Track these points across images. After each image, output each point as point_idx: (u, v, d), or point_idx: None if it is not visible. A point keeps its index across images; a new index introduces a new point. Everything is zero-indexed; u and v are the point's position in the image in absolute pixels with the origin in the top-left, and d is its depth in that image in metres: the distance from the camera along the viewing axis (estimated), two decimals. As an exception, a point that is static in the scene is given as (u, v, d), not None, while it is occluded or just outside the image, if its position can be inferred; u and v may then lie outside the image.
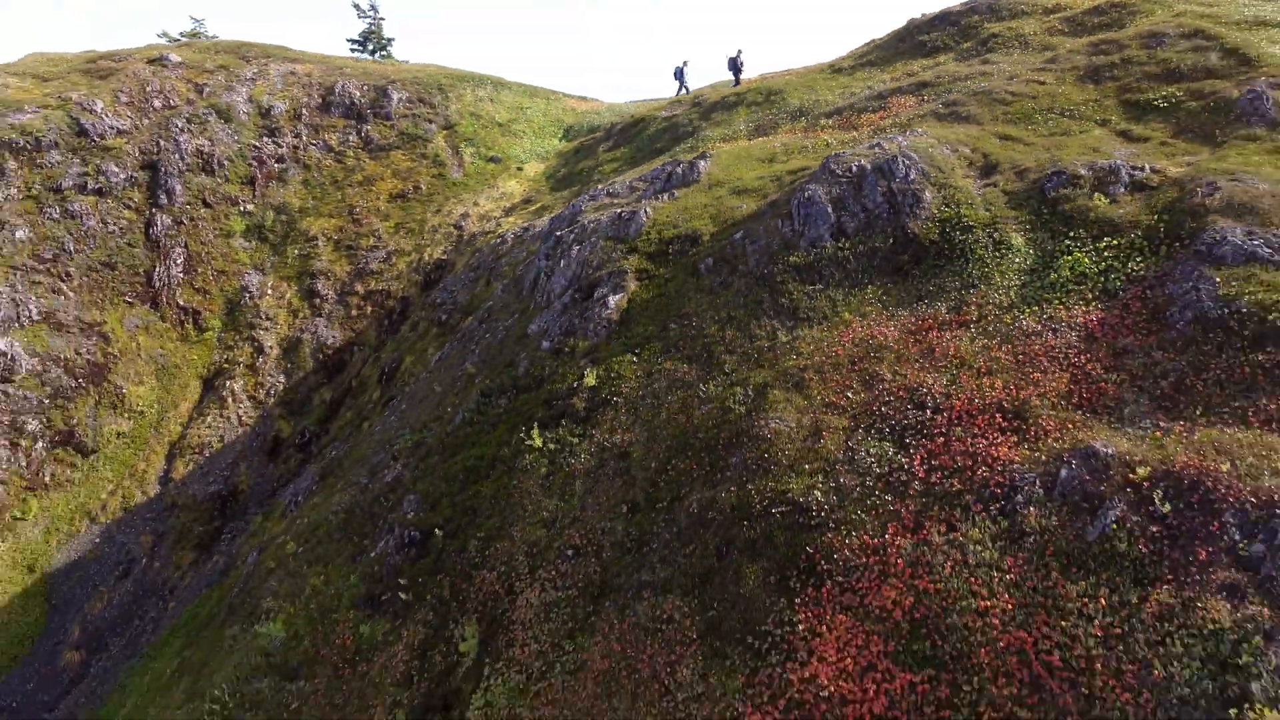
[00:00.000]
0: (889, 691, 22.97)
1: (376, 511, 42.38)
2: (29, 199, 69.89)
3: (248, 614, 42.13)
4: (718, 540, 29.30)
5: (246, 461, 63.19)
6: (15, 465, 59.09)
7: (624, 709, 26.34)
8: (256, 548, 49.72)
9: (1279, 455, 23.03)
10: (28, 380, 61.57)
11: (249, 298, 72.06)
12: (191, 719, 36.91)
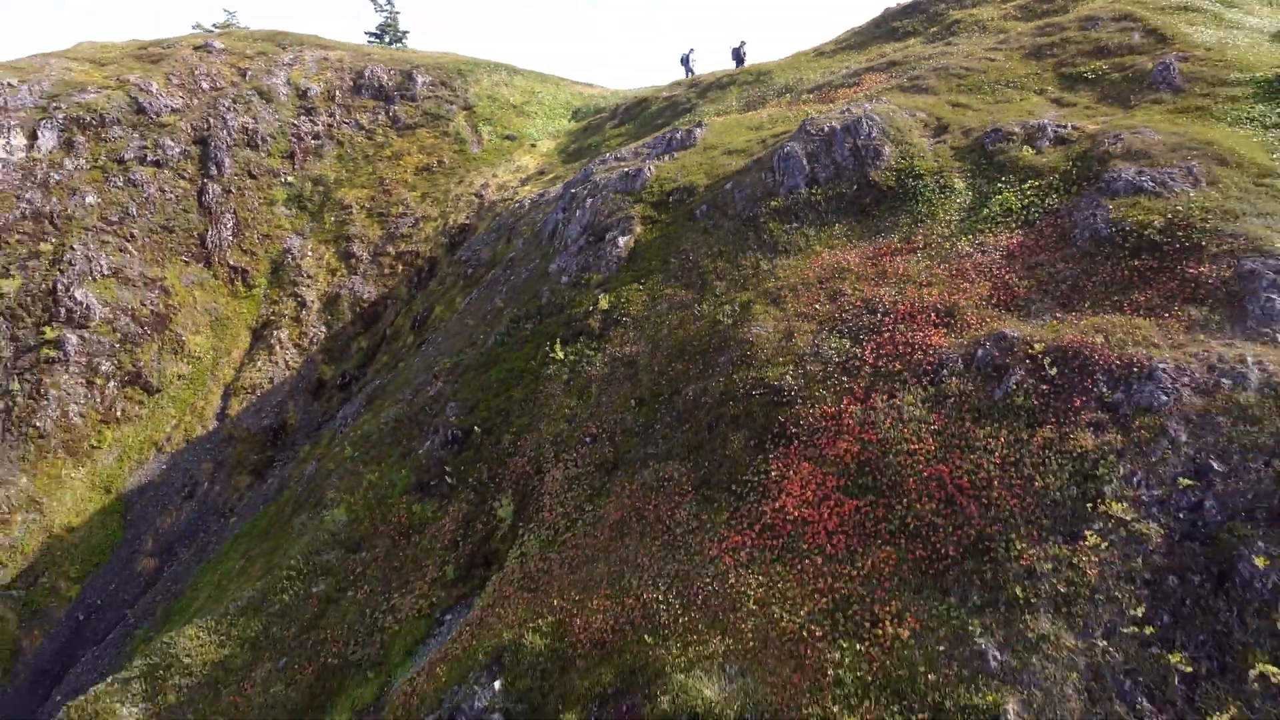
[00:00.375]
0: (839, 514, 28.95)
1: (421, 419, 48.36)
2: (96, 169, 75.68)
3: (313, 505, 48.11)
4: (709, 418, 35.29)
5: (293, 400, 68.98)
6: (91, 401, 64.88)
7: (634, 545, 32.27)
8: (314, 459, 55.70)
9: (1141, 332, 29.05)
10: (101, 327, 67.36)
11: (291, 258, 77.78)
12: (269, 586, 42.83)
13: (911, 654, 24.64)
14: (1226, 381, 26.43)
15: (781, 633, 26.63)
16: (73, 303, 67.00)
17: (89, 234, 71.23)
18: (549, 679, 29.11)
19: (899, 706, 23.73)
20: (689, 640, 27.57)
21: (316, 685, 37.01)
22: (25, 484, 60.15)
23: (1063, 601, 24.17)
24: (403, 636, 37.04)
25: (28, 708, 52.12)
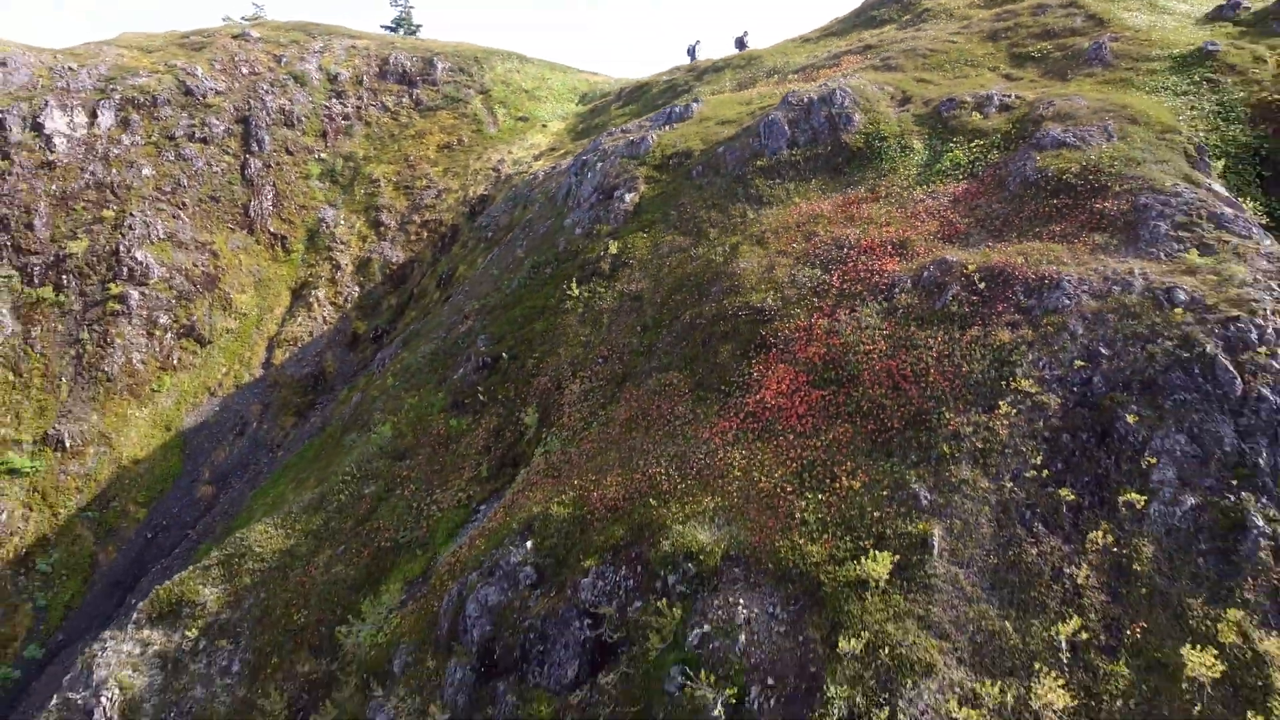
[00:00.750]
0: (808, 401, 34.67)
1: (454, 351, 54.04)
2: (150, 144, 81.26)
3: (361, 426, 53.79)
4: (702, 336, 41.03)
5: (331, 351, 74.56)
6: (151, 350, 70.46)
7: (640, 436, 37.98)
8: (359, 391, 61.32)
9: (1054, 253, 34.85)
10: (159, 284, 72.95)
11: (325, 227, 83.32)
12: (326, 490, 48.51)
13: (861, 499, 30.36)
14: (1116, 288, 32.19)
15: (760, 491, 32.33)
16: (133, 263, 72.55)
17: (146, 202, 76.78)
18: (571, 537, 34.80)
19: (850, 537, 29.43)
20: (686, 501, 33.25)
21: (372, 564, 42.71)
22: (96, 421, 65.74)
23: (980, 455, 29.91)
24: (445, 522, 42.79)
25: (104, 612, 57.75)
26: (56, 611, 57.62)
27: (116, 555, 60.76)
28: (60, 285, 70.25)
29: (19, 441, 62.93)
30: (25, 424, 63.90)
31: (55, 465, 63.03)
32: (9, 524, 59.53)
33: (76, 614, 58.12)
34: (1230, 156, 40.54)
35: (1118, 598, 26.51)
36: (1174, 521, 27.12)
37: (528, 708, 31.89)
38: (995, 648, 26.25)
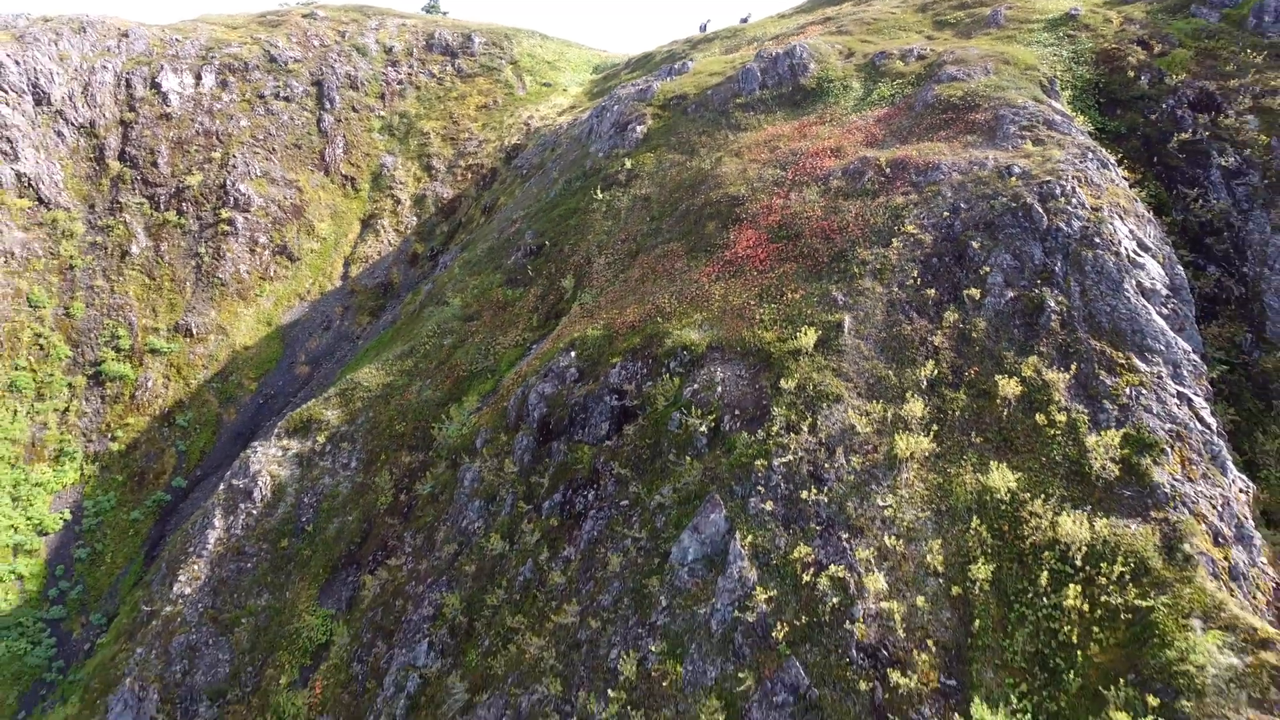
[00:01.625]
0: (766, 250, 46.86)
1: (506, 245, 66.15)
2: (244, 101, 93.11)
3: (436, 302, 65.86)
4: (694, 217, 53.18)
5: (396, 267, 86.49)
6: (253, 263, 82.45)
7: (650, 283, 50.14)
8: (429, 282, 73.47)
9: (938, 148, 47.03)
10: (257, 211, 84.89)
11: (386, 170, 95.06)
12: (413, 346, 60.65)
13: (799, 304, 42.64)
14: (975, 167, 44.45)
15: (732, 307, 44.57)
16: (237, 194, 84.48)
17: (244, 147, 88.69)
18: (601, 348, 47.06)
19: (790, 326, 41.64)
20: (682, 318, 45.50)
21: (453, 388, 54.96)
22: (214, 316, 77.78)
23: (877, 273, 42.20)
24: (507, 356, 55.08)
25: (230, 455, 69.84)
26: (193, 455, 69.70)
27: (236, 415, 72.82)
28: (181, 210, 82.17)
29: (157, 329, 74.92)
30: (160, 316, 75.88)
31: (185, 348, 75.04)
32: (154, 390, 71.59)
33: (208, 458, 70.18)
34: (1076, 88, 52.83)
35: (960, 354, 38.84)
36: (999, 307, 39.45)
37: (573, 454, 44.24)
38: (881, 385, 38.61)
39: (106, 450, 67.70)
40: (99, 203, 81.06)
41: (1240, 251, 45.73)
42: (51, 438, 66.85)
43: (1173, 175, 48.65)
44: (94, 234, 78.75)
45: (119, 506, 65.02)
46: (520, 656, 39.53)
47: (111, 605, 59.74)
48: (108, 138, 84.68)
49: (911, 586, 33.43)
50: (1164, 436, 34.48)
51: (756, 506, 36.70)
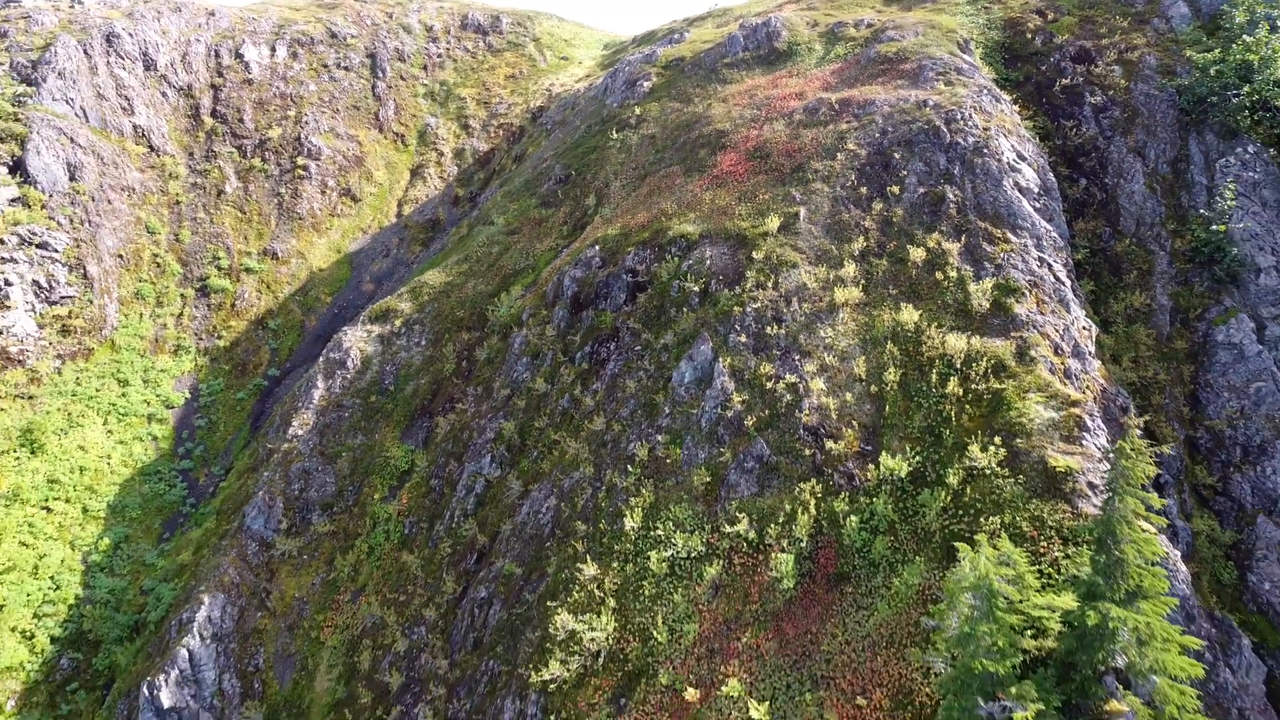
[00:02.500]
0: (744, 167, 57.84)
1: (539, 176, 77.01)
2: (312, 70, 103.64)
3: (483, 223, 76.74)
4: (690, 147, 64.02)
5: (441, 206, 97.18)
6: (324, 202, 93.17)
7: (655, 197, 61.08)
8: (476, 209, 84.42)
9: (874, 90, 57.95)
10: (327, 160, 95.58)
11: (430, 129, 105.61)
12: (467, 254, 71.61)
13: (767, 202, 53.61)
14: (902, 101, 55.36)
15: (718, 207, 55.56)
16: (310, 145, 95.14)
17: (313, 107, 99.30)
18: (619, 242, 58.03)
19: (761, 216, 52.63)
20: (680, 217, 56.46)
21: (500, 283, 65.93)
22: (294, 244, 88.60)
23: (825, 178, 53.19)
24: (544, 257, 66.07)
25: (313, 354, 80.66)
26: (283, 352, 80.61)
27: (315, 322, 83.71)
28: (264, 158, 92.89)
29: (249, 253, 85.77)
30: (251, 243, 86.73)
31: (272, 268, 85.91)
32: (249, 300, 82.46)
33: (294, 355, 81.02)
34: (987, 47, 63.80)
35: (884, 233, 49.91)
36: (913, 199, 50.47)
37: (599, 319, 55.20)
38: (825, 255, 49.64)
39: (214, 346, 78.63)
40: (196, 151, 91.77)
41: (1103, 167, 56.78)
42: (170, 335, 77.75)
43: (1056, 111, 59.70)
44: (194, 176, 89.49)
45: (227, 389, 76.03)
46: (562, 456, 50.79)
47: (226, 461, 70.86)
48: (202, 98, 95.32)
49: (843, 388, 44.57)
50: (1024, 284, 45.53)
51: (734, 340, 47.84)
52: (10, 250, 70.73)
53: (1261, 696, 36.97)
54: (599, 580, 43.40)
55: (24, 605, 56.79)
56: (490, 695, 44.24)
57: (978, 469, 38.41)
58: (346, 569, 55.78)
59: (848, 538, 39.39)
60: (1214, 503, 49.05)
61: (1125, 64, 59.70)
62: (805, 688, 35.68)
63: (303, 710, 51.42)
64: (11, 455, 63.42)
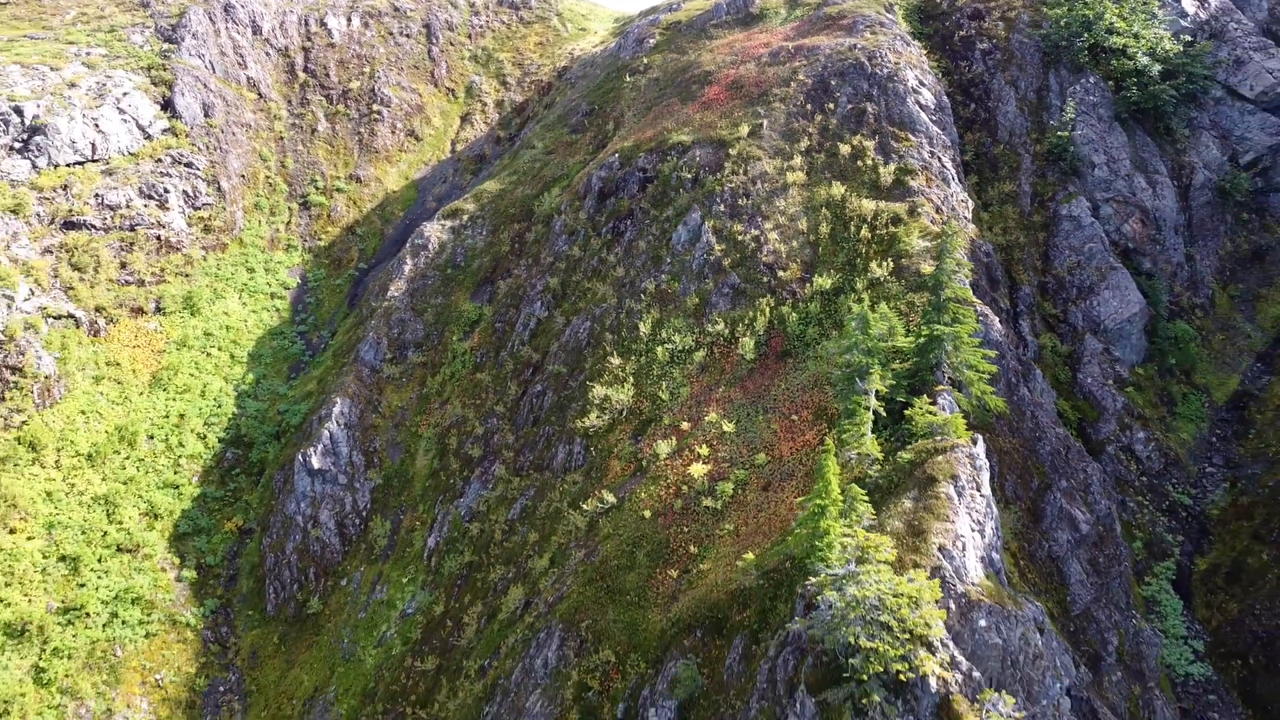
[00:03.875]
0: (724, 95, 71.82)
1: (569, 113, 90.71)
2: (380, 37, 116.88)
3: (526, 148, 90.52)
4: (684, 85, 77.89)
5: (487, 145, 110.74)
6: (394, 140, 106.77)
7: (659, 120, 75.01)
8: (518, 141, 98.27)
9: (821, 38, 71.89)
10: (395, 107, 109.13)
11: (475, 85, 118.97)
12: (514, 168, 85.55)
13: (740, 117, 67.60)
14: (839, 46, 69.27)
15: (706, 123, 69.61)
16: (382, 95, 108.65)
17: (383, 66, 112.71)
18: (632, 152, 71.96)
19: (735, 127, 66.66)
20: (677, 131, 70.48)
21: (542, 187, 79.90)
22: (373, 171, 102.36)
23: (781, 99, 67.26)
24: (575, 167, 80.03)
25: (391, 254, 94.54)
26: (368, 251, 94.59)
27: (391, 230, 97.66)
28: (346, 105, 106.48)
29: (338, 178, 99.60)
30: (339, 170, 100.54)
31: (357, 189, 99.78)
32: (340, 213, 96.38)
33: (377, 254, 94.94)
34: (906, 8, 77.57)
35: (823, 135, 64.02)
36: (844, 113, 64.55)
37: (619, 204, 69.26)
38: (781, 151, 63.72)
39: (316, 246, 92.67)
40: (293, 99, 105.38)
41: (987, 95, 70.82)
42: (282, 237, 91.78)
43: (955, 55, 73.65)
44: (293, 118, 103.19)
45: (328, 277, 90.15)
46: (593, 296, 65.00)
47: (332, 326, 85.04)
48: (296, 57, 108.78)
49: (790, 239, 58.77)
50: (918, 168, 59.60)
51: (716, 210, 62.01)
52: (166, 167, 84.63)
53: (1053, 411, 51.71)
54: (622, 367, 57.86)
55: (197, 416, 71.14)
56: (546, 448, 58.81)
57: (876, 279, 52.81)
58: (435, 386, 70.21)
59: (790, 329, 53.73)
60: (1057, 327, 63.39)
61: (1006, 20, 73.61)
62: (759, 414, 50.21)
63: (408, 479, 66.02)
64: (178, 315, 77.54)
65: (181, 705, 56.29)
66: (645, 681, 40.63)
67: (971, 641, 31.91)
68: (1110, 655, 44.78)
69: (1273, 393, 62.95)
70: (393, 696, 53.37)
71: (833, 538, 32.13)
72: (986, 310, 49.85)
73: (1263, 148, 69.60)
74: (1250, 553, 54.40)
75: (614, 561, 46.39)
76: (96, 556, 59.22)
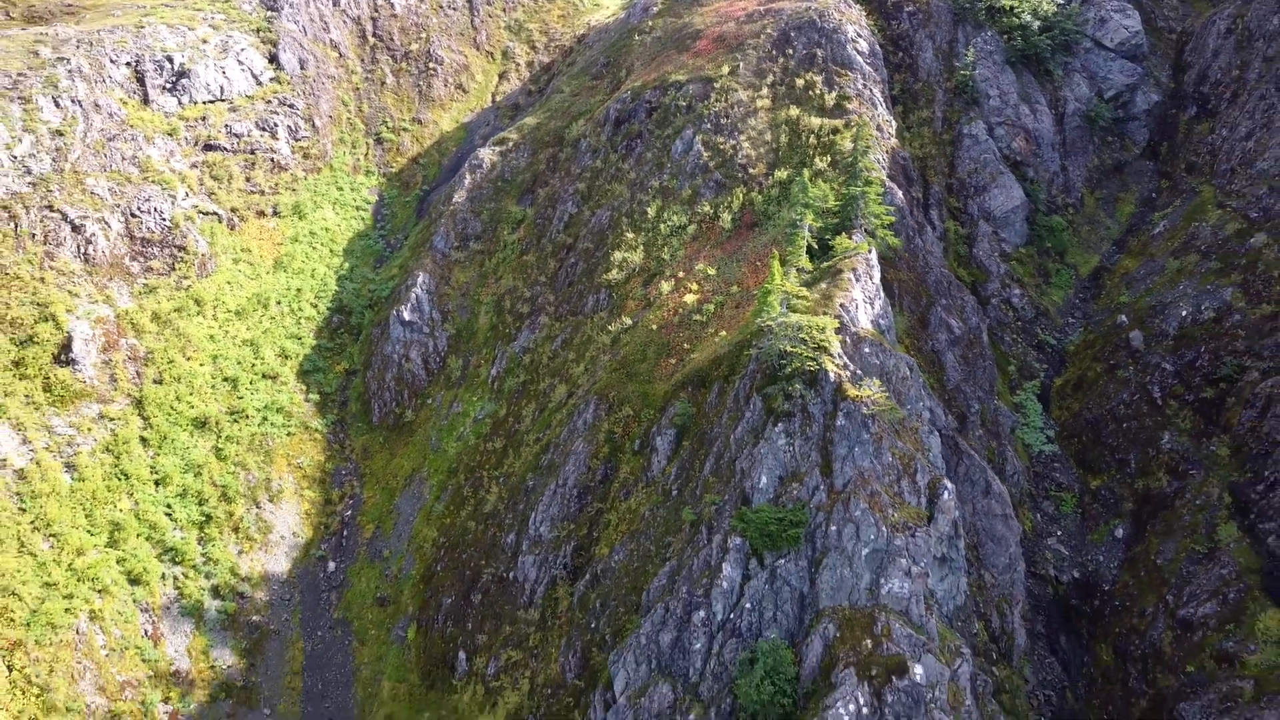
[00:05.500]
0: (712, 47, 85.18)
1: (589, 65, 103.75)
2: (432, 9, 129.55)
3: (556, 92, 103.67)
4: (680, 39, 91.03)
5: (521, 96, 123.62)
6: (446, 91, 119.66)
7: (660, 65, 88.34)
8: (548, 89, 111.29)
9: (785, 4, 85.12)
10: (446, 66, 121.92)
11: (510, 49, 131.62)
12: (548, 106, 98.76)
13: (723, 60, 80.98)
14: (799, 6, 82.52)
15: (697, 65, 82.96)
16: (436, 56, 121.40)
17: (436, 33, 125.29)
18: (641, 88, 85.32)
19: (719, 66, 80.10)
20: (675, 73, 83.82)
21: (569, 120, 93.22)
22: (430, 115, 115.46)
23: (753, 47, 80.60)
24: (595, 104, 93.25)
25: (447, 179, 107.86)
26: (430, 177, 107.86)
27: (446, 160, 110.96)
28: (408, 63, 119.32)
29: (404, 119, 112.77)
30: (405, 113, 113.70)
31: (418, 129, 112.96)
32: (407, 147, 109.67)
33: (436, 179, 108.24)
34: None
35: (785, 73, 77.43)
36: (800, 55, 77.86)
37: (631, 127, 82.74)
38: (752, 84, 77.18)
39: (389, 172, 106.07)
40: (365, 58, 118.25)
41: (911, 45, 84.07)
42: (362, 164, 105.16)
43: (888, 15, 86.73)
44: (365, 73, 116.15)
45: (399, 196, 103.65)
46: (611, 194, 78.56)
47: (405, 232, 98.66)
48: (366, 25, 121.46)
49: (759, 146, 72.31)
50: (853, 95, 72.98)
51: (705, 127, 75.50)
52: (274, 107, 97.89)
53: (940, 256, 65.71)
54: (634, 239, 71.64)
55: (310, 291, 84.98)
56: (579, 299, 72.69)
57: (818, 170, 66.42)
58: (491, 266, 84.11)
59: (757, 207, 67.37)
60: (959, 216, 76.97)
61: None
62: (733, 262, 64.05)
63: (474, 331, 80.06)
64: (289, 218, 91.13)
65: (315, 480, 70.80)
66: (653, 423, 54.98)
67: (859, 360, 46.19)
68: (974, 417, 59.14)
69: (1121, 265, 76.74)
70: (470, 469, 67.84)
71: (774, 297, 46.28)
72: (892, 184, 63.67)
73: (1121, 85, 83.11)
74: (1090, 369, 68.49)
75: (631, 357, 60.64)
76: (249, 380, 73.37)
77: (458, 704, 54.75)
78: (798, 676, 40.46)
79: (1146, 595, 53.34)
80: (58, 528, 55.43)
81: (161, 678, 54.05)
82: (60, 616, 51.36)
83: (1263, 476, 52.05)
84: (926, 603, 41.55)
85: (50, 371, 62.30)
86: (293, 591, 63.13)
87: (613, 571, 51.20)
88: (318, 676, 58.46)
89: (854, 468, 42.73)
